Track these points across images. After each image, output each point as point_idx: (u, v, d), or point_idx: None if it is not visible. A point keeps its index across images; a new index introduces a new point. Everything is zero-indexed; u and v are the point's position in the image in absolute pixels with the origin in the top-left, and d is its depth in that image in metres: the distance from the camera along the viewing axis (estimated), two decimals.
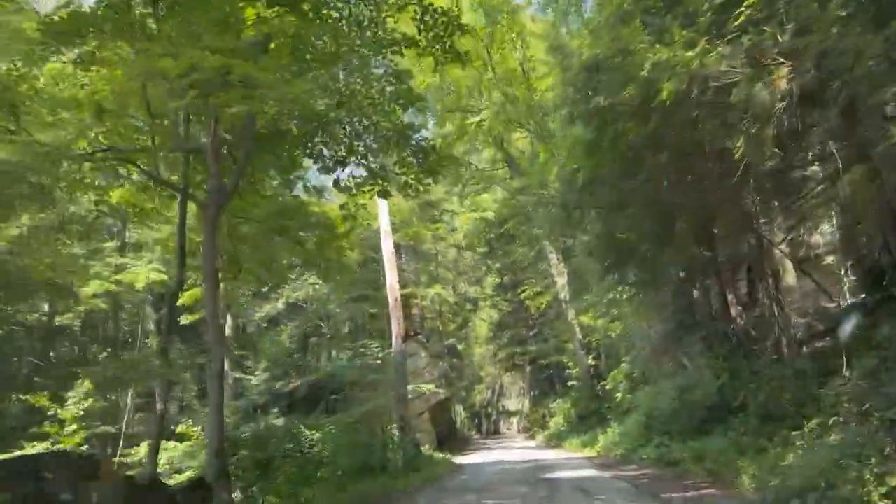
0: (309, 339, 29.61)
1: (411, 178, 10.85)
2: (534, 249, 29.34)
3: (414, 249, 30.28)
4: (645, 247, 12.61)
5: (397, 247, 24.37)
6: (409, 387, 22.82)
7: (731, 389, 11.58)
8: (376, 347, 26.02)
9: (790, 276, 13.07)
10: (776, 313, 12.08)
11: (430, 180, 11.22)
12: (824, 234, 14.19)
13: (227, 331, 23.04)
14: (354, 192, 11.18)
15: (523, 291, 28.37)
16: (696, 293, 16.21)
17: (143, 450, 16.81)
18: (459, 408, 48.85)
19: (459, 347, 40.90)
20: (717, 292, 14.61)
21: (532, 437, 30.39)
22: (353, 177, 11.16)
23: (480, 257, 37.11)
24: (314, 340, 29.79)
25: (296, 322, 29.25)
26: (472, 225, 26.81)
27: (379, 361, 24.64)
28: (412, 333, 26.23)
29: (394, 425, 17.79)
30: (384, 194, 11.54)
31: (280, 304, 28.76)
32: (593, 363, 28.80)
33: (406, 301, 26.51)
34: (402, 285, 23.29)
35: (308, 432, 13.82)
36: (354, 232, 15.54)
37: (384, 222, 18.75)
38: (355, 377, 24.05)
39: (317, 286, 26.22)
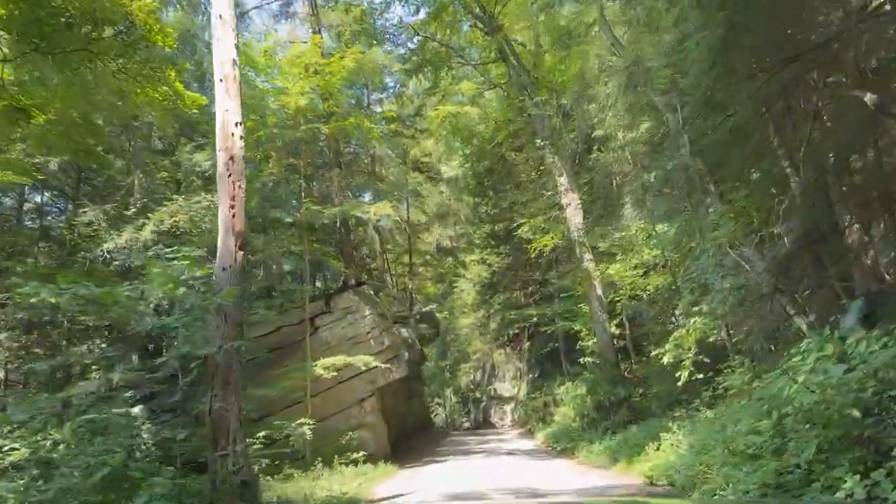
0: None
1: None
2: (537, 169, 20.78)
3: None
4: None
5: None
6: (336, 359, 14.49)
7: None
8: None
9: None
10: None
11: None
12: None
13: None
14: None
15: (520, 226, 19.77)
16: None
17: None
18: (441, 391, 40.52)
19: (441, 316, 32.54)
20: None
21: (530, 435, 22.13)
22: None
23: (468, 196, 28.49)
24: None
25: None
26: (448, 124, 18.22)
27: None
28: (353, 283, 17.80)
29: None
30: None
31: None
32: (616, 332, 20.48)
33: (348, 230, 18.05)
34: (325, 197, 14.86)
35: None
36: None
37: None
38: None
39: None
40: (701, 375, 11.07)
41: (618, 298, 20.47)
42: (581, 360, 22.21)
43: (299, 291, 16.08)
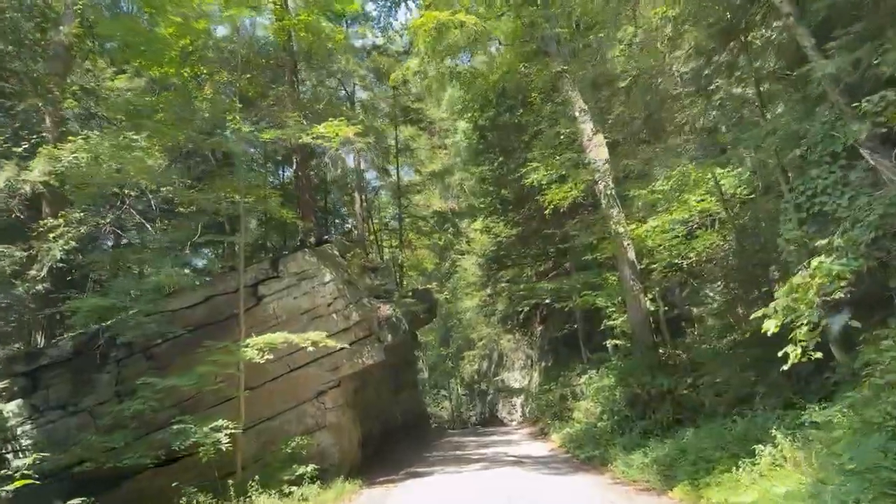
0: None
1: None
2: (553, 104, 16.41)
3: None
4: None
5: None
6: (270, 337, 10.46)
7: None
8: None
9: None
10: None
11: None
12: None
13: None
14: None
15: (530, 171, 15.41)
16: None
17: None
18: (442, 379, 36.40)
19: (441, 297, 28.41)
20: None
21: (543, 436, 17.95)
22: None
23: (469, 155, 24.14)
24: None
25: None
26: (435, 34, 13.86)
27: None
28: (311, 240, 13.69)
29: None
30: None
31: None
32: (652, 309, 16.34)
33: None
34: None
35: None
36: None
37: None
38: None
39: None
40: (817, 356, 6.84)
41: (654, 265, 16.32)
42: (606, 343, 18.05)
43: (236, 249, 11.96)
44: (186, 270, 11.67)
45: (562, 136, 15.29)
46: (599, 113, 16.56)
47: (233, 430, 9.80)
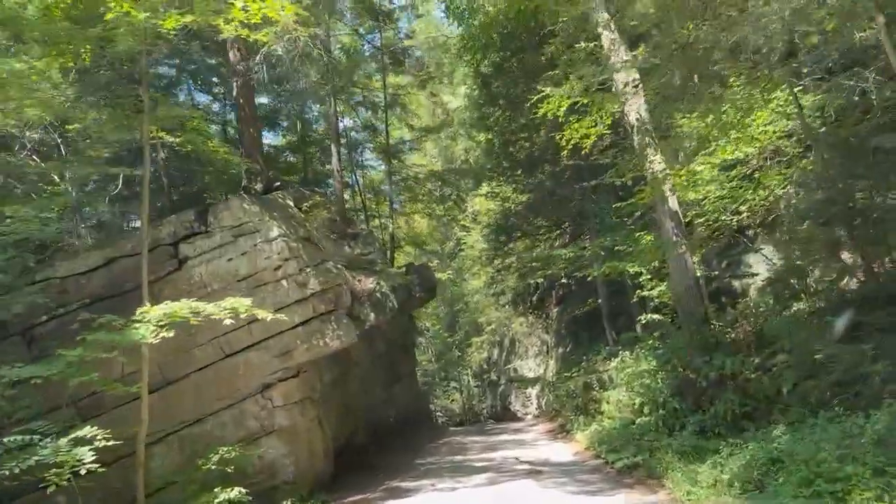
0: None
1: None
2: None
3: None
4: None
5: None
6: (173, 306, 7.29)
7: None
8: None
9: None
10: None
11: None
12: None
13: None
14: None
15: (542, 100, 11.95)
16: None
17: None
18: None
19: (445, 276, 25.22)
20: None
21: (564, 434, 14.64)
22: None
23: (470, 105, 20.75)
24: None
25: None
26: None
27: None
28: (257, 187, 10.53)
29: None
30: None
31: None
32: (700, 273, 13.15)
33: None
34: None
35: None
36: None
37: None
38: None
39: None
40: None
41: (700, 220, 13.09)
42: (640, 319, 14.72)
43: (139, 189, 8.72)
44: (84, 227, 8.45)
45: (585, 51, 11.86)
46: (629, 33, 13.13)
47: (111, 443, 6.66)
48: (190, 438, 9.01)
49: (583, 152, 13.16)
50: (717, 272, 15.20)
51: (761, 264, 14.06)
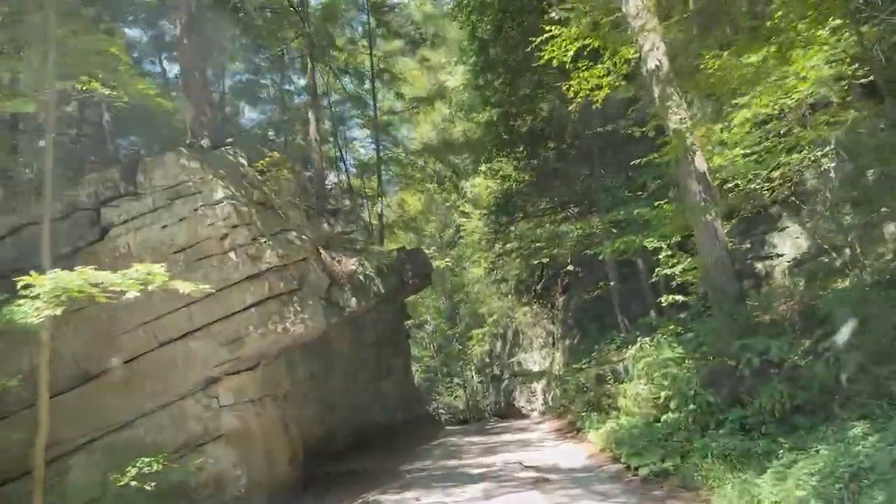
0: None
1: None
2: None
3: None
4: None
5: None
6: (86, 274, 5.57)
7: None
8: None
9: None
10: None
11: None
12: None
13: None
14: None
15: (547, 34, 10.16)
16: None
17: None
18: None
19: (441, 263, 23.53)
20: None
21: (575, 433, 12.90)
22: None
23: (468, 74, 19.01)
24: None
25: None
26: None
27: None
28: (204, 142, 8.84)
29: None
30: None
31: None
32: (730, 243, 11.46)
33: None
34: None
35: None
36: None
37: None
38: None
39: None
40: None
41: (728, 185, 11.38)
42: (661, 300, 12.94)
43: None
44: None
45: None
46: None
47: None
48: (118, 446, 7.34)
49: (593, 106, 11.38)
50: (737, 254, 13.60)
51: (786, 245, 12.58)
